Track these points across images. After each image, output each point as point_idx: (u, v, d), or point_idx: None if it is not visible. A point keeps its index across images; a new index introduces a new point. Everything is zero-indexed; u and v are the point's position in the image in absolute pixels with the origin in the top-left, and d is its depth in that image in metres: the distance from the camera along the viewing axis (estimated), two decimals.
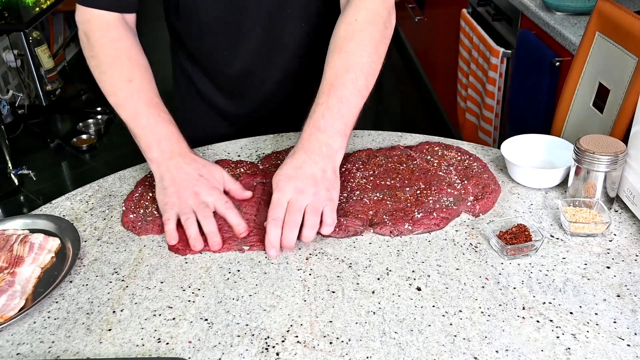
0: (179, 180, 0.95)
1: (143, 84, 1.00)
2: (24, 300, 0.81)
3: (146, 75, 1.01)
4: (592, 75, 1.16)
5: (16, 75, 3.51)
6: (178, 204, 0.93)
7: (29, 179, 2.95)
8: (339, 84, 0.95)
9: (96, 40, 1.01)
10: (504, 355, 0.70)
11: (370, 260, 0.86)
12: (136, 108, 0.98)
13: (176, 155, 0.97)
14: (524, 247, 0.84)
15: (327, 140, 0.93)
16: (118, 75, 0.99)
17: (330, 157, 0.93)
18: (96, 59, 1.01)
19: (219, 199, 0.94)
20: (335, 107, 0.93)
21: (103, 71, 1.00)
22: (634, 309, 0.76)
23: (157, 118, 0.99)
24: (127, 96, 0.99)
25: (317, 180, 0.90)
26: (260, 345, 0.73)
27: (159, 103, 1.00)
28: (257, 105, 1.24)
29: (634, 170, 0.90)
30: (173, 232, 0.91)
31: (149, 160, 0.98)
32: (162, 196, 0.95)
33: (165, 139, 0.98)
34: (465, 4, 2.51)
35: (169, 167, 0.96)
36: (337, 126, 0.93)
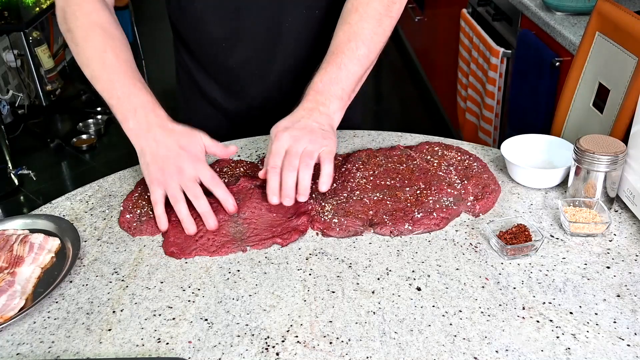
0: (160, 155, 0.93)
1: (117, 55, 0.98)
2: (24, 300, 0.81)
3: (121, 47, 1.00)
4: (592, 75, 1.16)
5: (16, 75, 3.51)
6: (164, 181, 0.92)
7: (29, 179, 2.95)
8: (338, 52, 0.99)
9: (71, 14, 1.01)
10: (504, 355, 0.70)
11: (370, 260, 0.86)
12: (110, 79, 0.97)
13: (154, 126, 0.95)
14: (524, 247, 0.84)
15: (324, 101, 0.97)
16: (92, 47, 0.98)
17: (327, 116, 0.97)
18: (71, 32, 1.01)
19: (204, 172, 0.93)
20: (333, 72, 0.98)
21: (77, 44, 1.00)
22: (634, 309, 0.76)
23: (132, 88, 0.97)
24: (101, 67, 0.98)
25: (313, 130, 0.94)
26: (260, 345, 0.73)
27: (134, 73, 0.99)
28: (258, 102, 1.24)
29: (634, 170, 0.90)
30: (162, 216, 0.91)
31: (127, 131, 0.96)
32: (146, 172, 0.94)
33: (141, 107, 0.96)
34: (465, 4, 2.51)
35: (148, 140, 0.94)
36: (334, 90, 0.97)
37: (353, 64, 0.99)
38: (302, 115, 0.96)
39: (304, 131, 0.94)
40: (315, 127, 0.95)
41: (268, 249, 0.89)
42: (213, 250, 0.88)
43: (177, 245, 0.89)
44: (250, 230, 0.92)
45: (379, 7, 1.01)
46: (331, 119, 0.97)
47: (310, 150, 0.92)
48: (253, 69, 1.19)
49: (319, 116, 0.96)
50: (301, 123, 0.95)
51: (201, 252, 0.88)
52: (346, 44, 0.99)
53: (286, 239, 0.89)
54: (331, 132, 0.96)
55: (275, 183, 0.91)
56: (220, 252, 0.88)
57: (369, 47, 1.00)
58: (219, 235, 0.91)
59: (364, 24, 1.00)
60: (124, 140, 0.97)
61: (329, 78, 0.98)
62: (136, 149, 0.96)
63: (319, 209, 0.94)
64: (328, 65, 0.99)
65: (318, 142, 0.93)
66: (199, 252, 0.88)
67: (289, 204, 0.91)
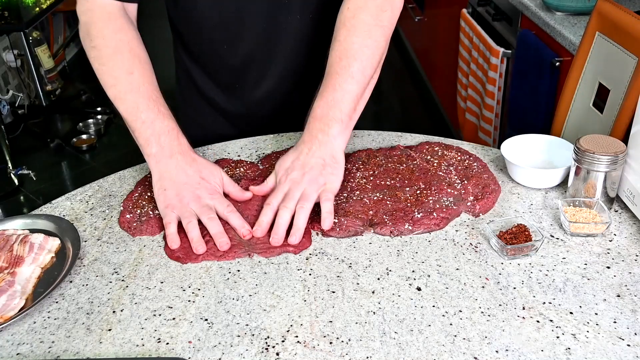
0: (179, 182, 0.94)
1: (144, 78, 0.98)
2: (24, 300, 0.81)
3: (147, 68, 1.00)
4: (592, 75, 1.16)
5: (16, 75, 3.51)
6: (179, 207, 0.92)
7: (29, 179, 2.95)
8: (332, 73, 0.97)
9: (97, 31, 0.99)
10: (504, 355, 0.70)
11: (370, 260, 0.86)
12: (136, 102, 0.97)
13: (176, 154, 0.96)
14: (524, 247, 0.84)
15: (322, 128, 0.95)
16: (119, 68, 0.98)
17: (327, 144, 0.94)
18: (96, 49, 0.99)
19: (221, 203, 0.93)
20: (329, 95, 0.96)
21: (103, 63, 0.99)
22: (634, 309, 0.76)
23: (157, 113, 0.97)
24: (127, 89, 0.97)
25: (312, 169, 0.93)
26: (260, 345, 0.73)
27: (158, 97, 0.99)
28: (257, 102, 1.23)
29: (634, 170, 0.90)
30: (175, 235, 0.90)
31: (147, 156, 0.97)
32: (162, 197, 0.94)
33: (165, 134, 0.96)
34: (465, 4, 2.51)
35: (169, 166, 0.95)
36: (332, 113, 0.95)
37: (347, 83, 0.96)
38: (301, 151, 0.95)
39: (302, 171, 0.93)
40: (314, 164, 0.93)
41: None
42: (220, 255, 0.88)
43: (183, 250, 0.89)
44: (256, 237, 0.91)
45: (366, 19, 0.98)
46: (333, 146, 0.95)
47: (308, 193, 0.91)
48: (252, 70, 1.19)
49: (319, 148, 0.94)
50: (300, 162, 0.94)
51: (208, 257, 0.88)
52: (338, 63, 0.97)
53: (298, 247, 0.89)
54: (332, 165, 0.94)
55: (265, 218, 0.91)
56: (227, 257, 0.88)
57: (362, 62, 0.97)
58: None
59: (353, 39, 0.97)
60: (124, 140, 0.98)
61: (325, 102, 0.96)
62: (153, 174, 0.96)
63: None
64: (324, 89, 0.97)
65: (317, 183, 0.92)
66: (205, 257, 0.88)
67: (275, 244, 0.88)
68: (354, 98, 0.97)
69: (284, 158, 0.97)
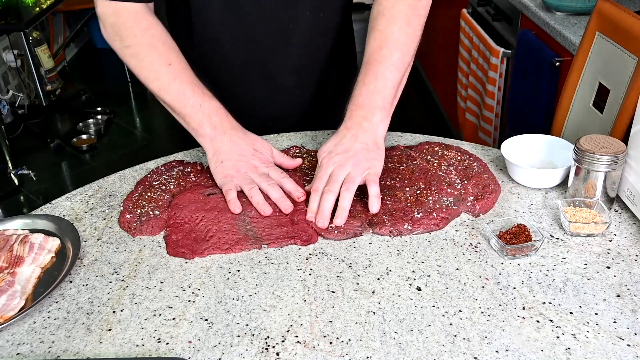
0: (235, 155, 1.00)
1: (182, 66, 1.03)
2: (24, 300, 0.81)
3: (182, 58, 1.04)
4: (592, 75, 1.16)
5: (16, 75, 3.51)
6: (238, 177, 0.98)
7: (29, 179, 2.95)
8: (373, 61, 0.99)
9: (128, 31, 1.02)
10: (504, 355, 0.70)
11: (370, 260, 0.86)
12: (181, 89, 1.01)
13: (228, 130, 1.02)
14: (524, 247, 0.84)
15: (365, 115, 0.97)
16: (157, 61, 1.02)
17: (371, 131, 0.97)
18: (131, 48, 1.02)
19: (275, 170, 1.00)
20: (371, 83, 0.98)
21: (142, 59, 1.02)
22: (634, 309, 0.76)
23: (203, 96, 1.02)
24: (170, 79, 1.02)
25: (357, 153, 0.95)
26: (260, 345, 0.73)
27: (198, 82, 1.04)
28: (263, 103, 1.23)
29: (634, 170, 0.90)
30: (236, 200, 0.95)
31: (202, 137, 1.02)
32: (220, 169, 0.99)
33: (215, 114, 1.02)
34: (465, 4, 2.51)
35: (224, 141, 1.01)
36: (374, 101, 0.98)
37: (389, 71, 0.99)
38: (344, 136, 0.97)
39: (346, 155, 0.95)
40: (358, 149, 0.95)
41: (268, 249, 0.89)
42: (226, 247, 0.89)
43: (187, 246, 0.89)
44: (260, 229, 0.92)
45: (404, 9, 1.01)
46: (375, 133, 0.97)
47: (352, 176, 0.93)
48: (258, 71, 1.18)
49: (363, 134, 0.96)
50: (344, 146, 0.96)
51: (214, 250, 0.89)
52: (379, 52, 0.99)
53: (306, 241, 0.90)
54: (375, 150, 0.96)
55: (315, 205, 0.93)
56: (234, 249, 0.88)
57: (402, 51, 1.00)
58: (230, 234, 0.91)
59: (393, 28, 1.00)
60: (124, 140, 0.98)
61: (367, 90, 0.98)
62: (208, 152, 1.02)
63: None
64: (365, 77, 0.99)
65: (361, 166, 0.94)
66: (211, 250, 0.88)
67: (323, 226, 0.91)
68: (395, 85, 1.00)
69: (326, 143, 0.99)
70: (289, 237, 0.90)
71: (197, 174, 1.06)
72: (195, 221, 0.94)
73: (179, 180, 1.04)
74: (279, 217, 0.94)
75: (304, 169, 1.06)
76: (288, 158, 1.05)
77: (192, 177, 1.06)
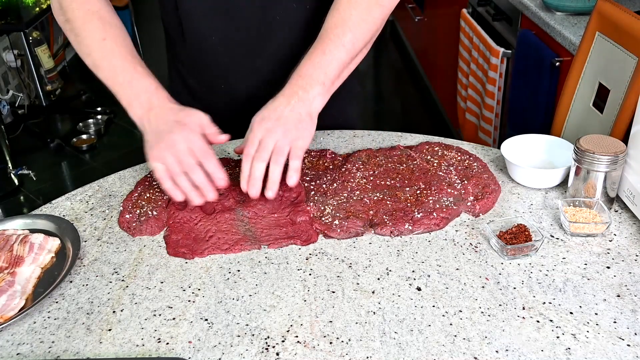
0: (158, 131, 0.95)
1: (117, 42, 1.00)
2: (24, 300, 0.81)
3: (119, 33, 1.02)
4: (592, 75, 1.16)
5: (16, 75, 3.51)
6: (161, 157, 0.93)
7: (29, 179, 2.95)
8: (325, 38, 1.00)
9: (67, 4, 1.02)
10: (504, 355, 0.70)
11: (370, 260, 0.86)
12: (112, 66, 0.99)
13: (155, 107, 0.97)
14: (524, 247, 0.84)
15: (304, 86, 0.97)
16: (91, 36, 1.00)
17: (307, 102, 0.96)
18: (69, 22, 1.02)
19: (196, 143, 0.93)
20: (317, 57, 0.98)
21: (77, 34, 1.02)
22: (634, 309, 0.76)
23: (134, 73, 0.99)
24: (103, 55, 1.00)
25: (288, 121, 0.94)
26: (260, 345, 0.73)
27: (134, 58, 1.01)
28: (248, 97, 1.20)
29: (634, 170, 0.90)
30: (172, 189, 0.92)
31: (132, 116, 0.99)
32: (148, 151, 0.95)
33: (144, 91, 0.98)
34: (465, 4, 2.51)
35: (150, 119, 0.97)
36: (316, 75, 0.97)
37: (338, 50, 0.99)
38: (280, 103, 0.96)
39: (278, 122, 0.94)
40: (290, 117, 0.95)
41: (268, 249, 0.89)
42: (226, 248, 0.89)
43: (187, 246, 0.89)
44: (259, 229, 0.92)
45: None
46: (310, 104, 0.97)
47: (280, 146, 0.93)
48: (243, 64, 1.17)
49: (297, 103, 0.96)
50: (277, 113, 0.96)
51: (214, 250, 0.89)
52: (332, 30, 1.00)
53: (306, 241, 0.90)
54: (308, 121, 0.96)
55: (247, 170, 0.93)
56: (233, 250, 0.89)
57: (355, 34, 1.00)
58: (229, 234, 0.91)
59: (352, 11, 1.00)
60: (124, 140, 0.98)
61: (312, 63, 0.98)
62: (141, 131, 0.98)
63: (318, 214, 0.94)
64: (313, 51, 0.99)
65: (290, 136, 0.94)
66: (211, 250, 0.89)
67: (253, 195, 0.92)
68: (340, 65, 0.99)
69: (261, 111, 0.98)
70: (288, 237, 0.90)
71: None
72: (195, 221, 0.94)
73: None
74: (278, 218, 0.94)
75: (303, 169, 1.06)
76: (215, 133, 0.98)
77: None
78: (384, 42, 4.55)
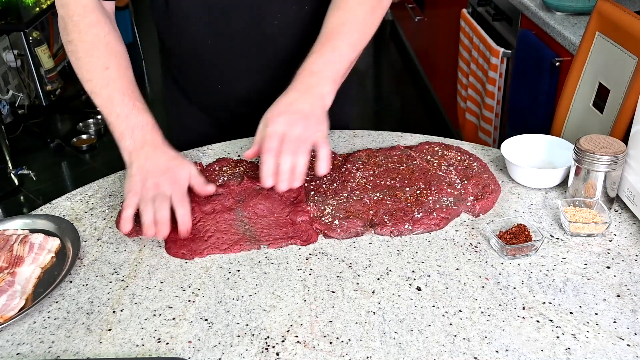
0: (145, 170, 0.95)
1: (119, 72, 1.00)
2: (24, 300, 0.81)
3: (123, 63, 1.02)
4: (592, 75, 1.16)
5: (16, 75, 3.51)
6: (140, 193, 0.93)
7: (29, 179, 2.95)
8: (333, 35, 0.99)
9: (74, 25, 1.01)
10: (504, 355, 0.70)
11: (370, 260, 0.86)
12: (111, 96, 0.99)
13: (147, 145, 0.97)
14: (524, 247, 0.84)
15: (317, 83, 0.96)
16: (95, 63, 1.00)
17: (320, 99, 0.96)
18: (72, 44, 1.01)
19: (177, 193, 0.94)
20: (328, 54, 0.98)
21: (79, 57, 1.01)
22: (634, 309, 0.76)
23: (132, 107, 0.99)
24: (103, 84, 0.99)
25: (307, 115, 0.93)
26: (260, 345, 0.73)
27: (134, 92, 1.00)
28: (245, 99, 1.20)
29: (634, 170, 0.90)
30: (129, 219, 0.91)
31: (122, 149, 0.98)
32: (127, 183, 0.95)
33: (139, 128, 0.98)
34: (465, 4, 2.51)
35: (139, 156, 0.96)
36: (327, 72, 0.97)
37: (347, 48, 0.99)
38: (295, 98, 0.95)
39: (298, 116, 0.93)
40: (308, 111, 0.94)
41: (268, 249, 0.89)
42: (225, 247, 0.89)
43: (187, 247, 0.89)
44: (259, 229, 0.92)
45: None
46: (324, 102, 0.96)
47: (305, 137, 0.92)
48: (240, 66, 1.16)
49: (312, 98, 0.95)
50: (295, 107, 0.94)
51: (213, 250, 0.89)
52: (340, 28, 0.99)
53: (306, 241, 0.90)
54: (323, 116, 0.96)
55: (271, 165, 0.90)
56: (233, 250, 0.89)
57: (362, 34, 1.00)
58: (228, 234, 0.91)
59: (359, 11, 1.00)
60: None
61: (323, 60, 0.97)
62: (126, 164, 0.97)
63: (318, 214, 0.94)
64: (322, 47, 0.98)
65: (312, 127, 0.93)
66: (210, 250, 0.89)
67: (283, 189, 0.90)
68: (347, 64, 0.99)
69: (275, 106, 0.96)
70: (288, 238, 0.90)
71: None
72: (194, 221, 0.94)
73: None
74: (278, 218, 0.94)
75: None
76: (201, 182, 0.98)
77: None
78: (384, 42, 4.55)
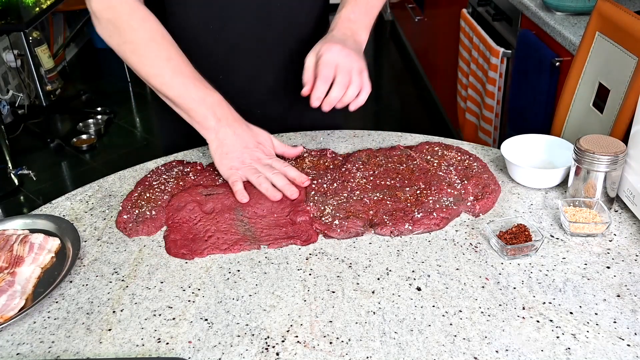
0: (240, 146, 1.02)
1: (182, 60, 1.03)
2: (24, 300, 0.81)
3: (179, 51, 1.04)
4: (592, 75, 1.16)
5: (16, 75, 3.51)
6: (244, 168, 1.01)
7: (29, 179, 2.95)
8: None
9: (127, 25, 1.01)
10: (504, 355, 0.70)
11: (370, 260, 0.86)
12: (184, 84, 1.02)
13: (232, 122, 1.03)
14: (524, 247, 0.84)
15: (357, 30, 1.07)
16: (157, 56, 1.02)
17: (359, 44, 1.06)
18: (130, 43, 1.02)
19: (277, 161, 1.04)
20: (363, 5, 1.08)
21: (141, 54, 1.02)
22: (634, 309, 0.76)
23: (205, 90, 1.03)
24: (172, 75, 1.02)
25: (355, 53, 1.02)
26: (260, 345, 0.73)
27: (198, 75, 1.04)
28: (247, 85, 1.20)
29: (634, 170, 0.90)
30: (242, 191, 0.98)
31: (206, 129, 1.03)
32: (225, 161, 1.02)
33: (218, 106, 1.03)
34: (465, 4, 2.51)
35: (227, 134, 1.02)
36: (364, 20, 1.07)
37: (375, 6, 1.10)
38: (341, 39, 1.03)
39: (350, 51, 1.01)
40: (356, 50, 1.02)
41: (268, 249, 0.89)
42: (225, 247, 0.89)
43: (187, 246, 0.89)
44: (258, 229, 0.92)
45: None
46: (361, 49, 1.05)
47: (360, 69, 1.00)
48: (242, 51, 1.16)
49: (354, 43, 1.04)
50: (348, 44, 1.02)
51: (213, 250, 0.89)
52: None
53: (306, 241, 0.90)
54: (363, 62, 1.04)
55: (324, 91, 0.98)
56: (233, 250, 0.89)
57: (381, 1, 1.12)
58: (228, 234, 0.91)
59: None
60: (124, 140, 0.98)
61: (359, 9, 1.07)
62: (212, 143, 1.03)
63: (318, 214, 0.94)
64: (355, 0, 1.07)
65: (358, 64, 1.01)
66: (210, 250, 0.89)
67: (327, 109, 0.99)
68: (376, 14, 1.11)
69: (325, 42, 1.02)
70: (288, 238, 0.90)
71: (197, 173, 1.06)
72: (194, 221, 0.94)
73: (178, 181, 1.05)
74: (277, 218, 0.94)
75: (305, 169, 1.06)
76: (289, 147, 1.08)
77: (192, 176, 1.06)
78: (384, 42, 4.55)
